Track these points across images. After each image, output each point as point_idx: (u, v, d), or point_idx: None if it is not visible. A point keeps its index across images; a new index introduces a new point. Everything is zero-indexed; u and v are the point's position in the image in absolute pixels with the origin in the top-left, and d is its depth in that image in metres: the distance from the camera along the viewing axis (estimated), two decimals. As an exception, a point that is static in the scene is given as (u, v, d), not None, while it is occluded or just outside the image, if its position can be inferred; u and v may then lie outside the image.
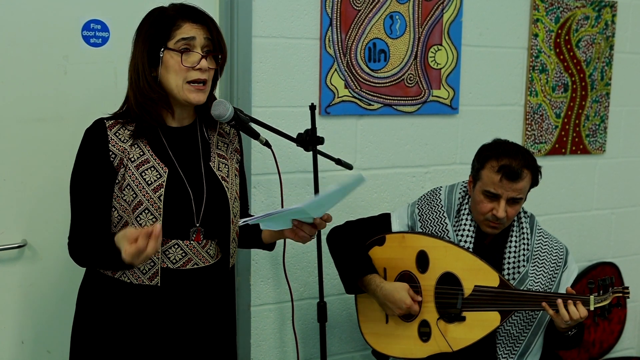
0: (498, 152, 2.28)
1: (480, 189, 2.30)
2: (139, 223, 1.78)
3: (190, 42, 1.79)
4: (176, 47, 1.78)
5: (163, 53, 1.78)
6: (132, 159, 1.80)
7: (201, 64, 1.80)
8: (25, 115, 2.22)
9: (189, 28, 1.79)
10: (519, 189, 2.25)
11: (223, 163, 1.94)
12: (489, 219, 2.29)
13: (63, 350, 2.32)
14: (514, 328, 2.33)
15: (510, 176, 2.23)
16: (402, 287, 2.29)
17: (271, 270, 2.64)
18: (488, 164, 2.28)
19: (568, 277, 2.39)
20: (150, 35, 1.80)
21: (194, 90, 1.81)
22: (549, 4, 3.03)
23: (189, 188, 1.84)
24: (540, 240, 2.39)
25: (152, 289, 1.82)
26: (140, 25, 1.84)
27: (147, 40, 1.80)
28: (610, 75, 3.24)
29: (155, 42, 1.79)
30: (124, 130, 1.82)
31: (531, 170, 2.28)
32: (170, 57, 1.78)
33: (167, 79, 1.81)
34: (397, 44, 2.72)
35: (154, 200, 1.78)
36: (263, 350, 2.67)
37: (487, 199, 2.28)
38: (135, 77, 1.81)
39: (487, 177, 2.27)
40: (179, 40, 1.78)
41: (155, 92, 1.80)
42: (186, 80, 1.80)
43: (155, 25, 1.80)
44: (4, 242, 2.25)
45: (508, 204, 2.26)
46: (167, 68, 1.79)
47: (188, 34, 1.78)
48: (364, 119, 2.72)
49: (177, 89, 1.81)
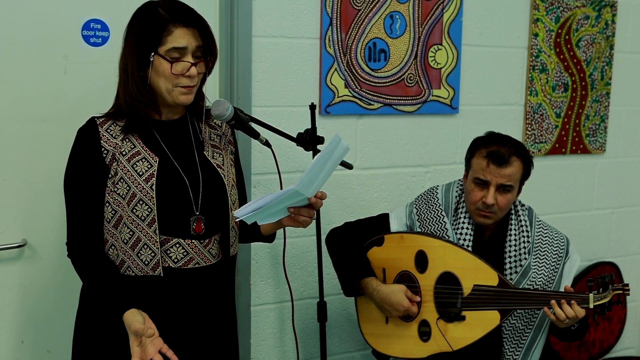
0: (487, 141, 2.33)
1: (471, 178, 2.33)
2: (136, 215, 1.79)
3: (181, 51, 1.78)
4: (167, 55, 1.77)
5: (153, 57, 1.78)
6: (123, 152, 1.81)
7: (191, 71, 1.80)
8: (25, 114, 2.23)
9: (180, 34, 1.77)
10: (507, 175, 2.26)
11: (217, 152, 1.95)
12: (480, 207, 2.30)
13: (63, 350, 2.32)
14: (519, 322, 2.33)
15: (498, 161, 2.25)
16: (399, 289, 2.29)
17: (271, 270, 2.64)
18: (477, 152, 2.32)
19: (571, 268, 2.38)
20: (140, 37, 1.78)
21: (183, 92, 1.82)
22: (549, 4, 3.03)
23: (184, 176, 1.84)
24: (540, 232, 2.39)
25: (155, 279, 1.82)
26: (131, 24, 1.82)
27: (137, 43, 1.79)
28: (610, 75, 3.24)
29: (145, 46, 1.78)
30: (115, 126, 1.83)
31: (521, 159, 2.29)
32: (160, 64, 1.78)
33: (157, 82, 1.81)
34: (397, 43, 2.72)
35: (147, 190, 1.79)
36: (263, 349, 2.67)
37: (478, 187, 2.30)
38: (124, 77, 1.82)
39: (477, 164, 2.30)
40: (170, 49, 1.77)
41: (143, 95, 1.81)
42: (175, 85, 1.81)
43: (146, 28, 1.78)
44: (4, 242, 2.25)
45: (498, 192, 2.28)
46: (157, 72, 1.79)
47: (179, 44, 1.77)
48: (364, 118, 2.72)
49: (166, 92, 1.82)
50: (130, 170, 1.80)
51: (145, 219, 1.79)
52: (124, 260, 1.83)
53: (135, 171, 1.80)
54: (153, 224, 1.80)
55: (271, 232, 2.10)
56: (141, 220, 1.79)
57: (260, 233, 2.09)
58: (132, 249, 1.81)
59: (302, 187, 1.79)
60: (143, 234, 1.80)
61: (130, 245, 1.81)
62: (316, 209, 1.95)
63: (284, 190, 1.78)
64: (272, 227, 2.06)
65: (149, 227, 1.80)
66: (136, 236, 1.80)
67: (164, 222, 1.81)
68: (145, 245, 1.81)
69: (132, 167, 1.80)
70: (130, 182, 1.79)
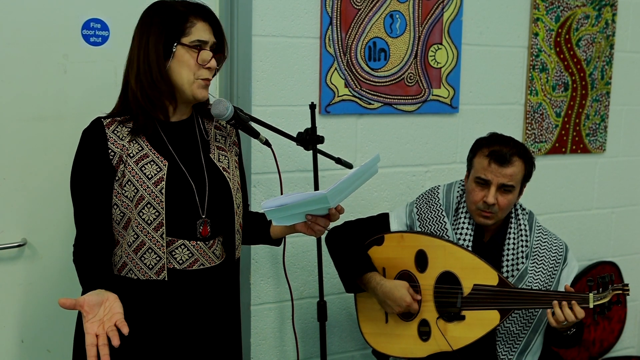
0: (490, 141, 2.34)
1: (472, 178, 2.34)
2: (142, 218, 1.78)
3: (204, 44, 1.82)
4: (192, 45, 1.80)
5: (176, 48, 1.79)
6: (131, 154, 1.80)
7: (211, 63, 1.83)
8: (25, 114, 2.22)
9: (202, 28, 1.81)
10: (508, 175, 2.26)
11: (223, 155, 1.95)
12: (480, 207, 2.30)
13: (63, 349, 2.33)
14: (513, 326, 2.33)
15: (499, 160, 2.26)
16: (402, 285, 2.29)
17: (271, 269, 2.64)
18: (479, 152, 2.33)
19: (568, 274, 2.39)
20: (163, 28, 1.79)
21: (202, 86, 1.84)
22: (550, 3, 3.02)
23: (190, 180, 1.84)
24: (539, 238, 2.39)
25: (159, 284, 1.82)
26: (147, 18, 1.83)
27: (161, 33, 1.79)
28: (610, 75, 3.24)
29: (169, 36, 1.79)
30: (122, 127, 1.83)
31: (523, 160, 2.30)
32: (185, 52, 1.80)
33: (179, 73, 1.81)
34: (397, 43, 2.72)
35: (156, 193, 1.78)
36: (263, 349, 2.68)
37: (479, 186, 2.30)
38: (145, 68, 1.79)
39: (478, 164, 2.31)
40: (195, 40, 1.80)
41: (166, 84, 1.81)
42: (197, 77, 1.82)
43: (167, 19, 1.80)
44: (4, 241, 2.25)
45: (499, 192, 2.28)
46: (181, 63, 1.80)
47: (202, 37, 1.81)
48: (364, 118, 2.72)
49: (187, 83, 1.82)
50: (139, 173, 1.79)
51: (151, 222, 1.79)
52: (126, 263, 1.82)
53: (144, 174, 1.79)
54: (160, 228, 1.79)
55: (281, 236, 2.10)
56: (147, 224, 1.79)
57: (269, 236, 2.08)
58: (135, 252, 1.81)
59: (332, 195, 1.81)
60: (148, 237, 1.79)
61: (134, 248, 1.81)
62: (332, 221, 1.95)
63: (314, 193, 1.80)
64: (284, 231, 2.06)
65: (155, 231, 1.79)
66: (140, 240, 1.80)
67: (170, 225, 1.80)
68: (150, 249, 1.80)
69: (141, 170, 1.80)
70: (139, 185, 1.79)
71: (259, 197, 2.55)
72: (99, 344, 1.64)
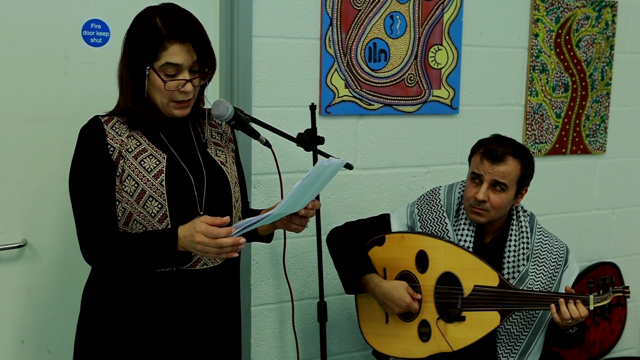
0: (489, 140, 2.36)
1: (468, 174, 2.37)
2: (146, 211, 1.79)
3: (177, 67, 1.77)
4: (161, 71, 1.77)
5: (149, 71, 1.78)
6: (129, 149, 1.81)
7: (185, 87, 1.79)
8: (25, 115, 2.23)
9: (176, 51, 1.76)
10: (500, 172, 2.27)
11: (220, 150, 1.95)
12: (472, 204, 2.31)
13: (63, 350, 2.33)
14: (514, 327, 2.33)
15: (491, 157, 2.28)
16: (401, 285, 2.29)
17: (271, 270, 2.64)
18: (477, 150, 2.36)
19: (569, 276, 2.39)
20: (135, 52, 1.78)
21: (178, 107, 1.82)
22: (550, 4, 3.03)
23: (189, 174, 1.84)
24: (540, 239, 2.39)
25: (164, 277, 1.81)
26: (129, 34, 1.82)
27: (132, 57, 1.79)
28: (610, 75, 3.24)
29: (140, 60, 1.77)
30: (120, 123, 1.83)
31: (519, 161, 2.30)
32: (155, 79, 1.78)
33: (153, 95, 1.81)
34: (398, 43, 2.72)
35: (157, 186, 1.79)
36: (263, 350, 2.68)
37: (473, 183, 2.33)
38: (120, 87, 1.83)
39: (473, 161, 2.35)
40: (165, 64, 1.76)
41: (137, 107, 1.81)
42: (170, 100, 1.81)
43: (141, 42, 1.77)
44: (4, 242, 2.25)
45: (491, 190, 2.29)
46: (154, 86, 1.80)
47: (174, 60, 1.76)
48: (364, 118, 2.72)
49: (162, 105, 1.82)
50: (138, 167, 1.80)
51: (155, 215, 1.79)
52: None
53: (144, 168, 1.80)
54: (164, 220, 1.79)
55: (268, 233, 2.10)
56: (152, 217, 1.79)
57: (258, 233, 2.09)
58: None
59: (284, 210, 1.78)
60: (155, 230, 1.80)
61: None
62: (310, 216, 1.93)
63: (265, 215, 1.73)
64: (269, 229, 2.06)
65: (160, 223, 1.79)
66: None
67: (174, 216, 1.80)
68: None
69: (140, 164, 1.80)
70: (139, 179, 1.79)
71: (259, 197, 2.55)
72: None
